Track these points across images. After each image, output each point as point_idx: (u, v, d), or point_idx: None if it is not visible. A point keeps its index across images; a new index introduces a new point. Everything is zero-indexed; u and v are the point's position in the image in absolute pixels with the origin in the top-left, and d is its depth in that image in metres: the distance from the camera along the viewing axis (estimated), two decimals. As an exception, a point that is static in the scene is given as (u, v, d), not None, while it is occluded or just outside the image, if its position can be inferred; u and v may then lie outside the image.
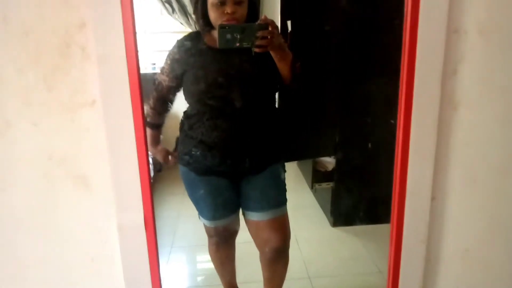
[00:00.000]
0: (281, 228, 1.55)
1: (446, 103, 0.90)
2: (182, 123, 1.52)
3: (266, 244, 1.56)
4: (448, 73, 0.88)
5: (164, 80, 1.48)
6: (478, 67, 0.89)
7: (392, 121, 0.97)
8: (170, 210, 2.75)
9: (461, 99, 0.91)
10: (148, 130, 1.54)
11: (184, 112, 1.51)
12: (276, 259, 1.59)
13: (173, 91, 1.51)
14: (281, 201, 1.56)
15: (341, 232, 2.53)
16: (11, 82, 0.88)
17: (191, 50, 1.42)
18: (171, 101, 1.57)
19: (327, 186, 2.57)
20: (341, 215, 2.57)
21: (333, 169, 2.53)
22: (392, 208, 0.95)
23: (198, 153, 1.47)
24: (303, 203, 2.84)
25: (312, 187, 2.64)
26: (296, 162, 3.21)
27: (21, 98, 0.89)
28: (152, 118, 1.56)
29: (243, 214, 1.58)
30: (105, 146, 0.88)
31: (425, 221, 0.95)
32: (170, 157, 1.61)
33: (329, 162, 2.57)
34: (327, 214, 2.64)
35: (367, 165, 2.48)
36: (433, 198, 0.95)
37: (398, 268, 0.97)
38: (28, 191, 0.92)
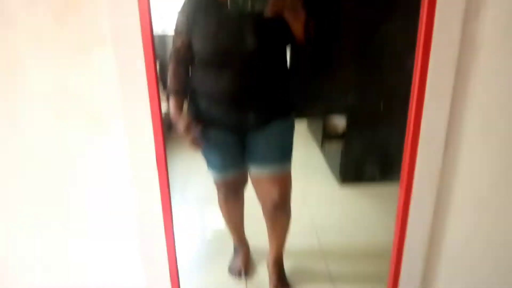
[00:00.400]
0: (282, 184, 1.57)
1: (467, 45, 0.87)
2: (192, 76, 1.51)
3: (267, 199, 1.58)
4: (470, 13, 0.85)
5: (179, 40, 1.45)
6: (503, 10, 0.86)
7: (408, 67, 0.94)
8: (180, 166, 2.78)
9: (483, 42, 0.88)
10: (172, 98, 1.51)
11: (192, 66, 1.50)
12: (277, 214, 1.62)
13: (190, 49, 1.46)
14: (285, 158, 1.56)
15: (349, 190, 2.55)
16: (20, 17, 0.87)
17: (201, 4, 1.40)
18: (191, 61, 1.52)
19: (337, 144, 2.56)
20: (350, 173, 2.58)
21: (343, 131, 2.52)
22: (404, 153, 0.94)
23: (204, 105, 1.47)
24: (312, 162, 2.85)
25: (322, 145, 2.64)
26: (306, 123, 3.19)
27: (31, 34, 0.88)
28: (175, 85, 1.52)
29: (248, 169, 1.60)
30: (117, 84, 0.88)
31: (438, 168, 0.94)
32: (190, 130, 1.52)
33: (339, 122, 2.55)
34: (336, 173, 2.65)
35: (379, 124, 2.45)
36: (446, 144, 0.94)
37: (406, 214, 0.98)
38: (40, 128, 0.93)
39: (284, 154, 1.57)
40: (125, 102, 0.87)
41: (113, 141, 0.93)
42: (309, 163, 2.85)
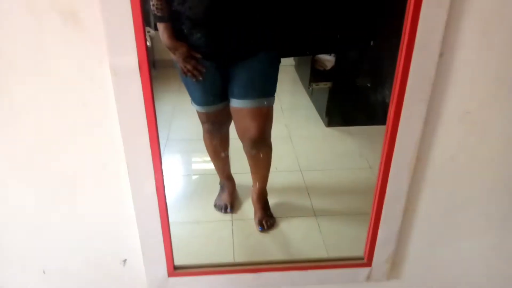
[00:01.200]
0: (262, 119, 1.54)
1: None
2: None
3: (245, 134, 1.56)
4: None
5: None
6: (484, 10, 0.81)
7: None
8: (165, 105, 2.72)
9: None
10: (162, 26, 1.41)
11: None
12: (257, 150, 1.60)
13: None
14: (268, 92, 1.52)
15: (335, 131, 2.55)
16: None
17: None
18: None
19: (324, 86, 2.52)
20: (336, 115, 2.57)
21: (331, 68, 2.47)
22: (398, 61, 0.91)
23: (185, 31, 1.40)
24: (298, 104, 2.82)
25: (309, 86, 2.60)
26: (294, 65, 3.13)
27: None
28: (163, 11, 1.40)
29: (229, 101, 1.56)
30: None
31: (430, 78, 0.92)
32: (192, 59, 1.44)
33: (328, 60, 2.50)
34: (322, 114, 2.63)
35: (368, 64, 2.42)
36: (441, 54, 0.91)
37: (396, 125, 0.96)
38: (13, 27, 0.86)
39: (268, 86, 1.53)
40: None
41: (91, 44, 0.87)
42: (295, 105, 2.82)
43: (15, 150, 0.99)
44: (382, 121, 2.50)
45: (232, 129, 1.70)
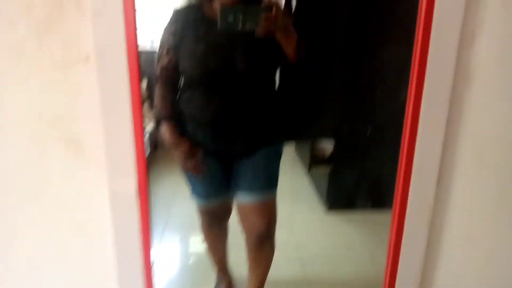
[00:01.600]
0: (268, 213, 1.51)
1: (460, 75, 0.86)
2: (178, 98, 1.45)
3: (252, 228, 1.52)
4: (465, 42, 0.83)
5: (165, 60, 1.39)
6: (497, 39, 0.84)
7: (400, 98, 0.92)
8: (165, 189, 2.71)
9: (476, 72, 0.86)
10: (165, 125, 1.42)
11: (179, 87, 1.44)
12: (261, 245, 1.55)
13: (177, 68, 1.39)
14: (271, 185, 1.51)
15: (336, 217, 2.51)
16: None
17: (188, 20, 1.35)
18: (177, 82, 1.45)
19: (324, 169, 2.53)
20: (337, 199, 2.55)
21: (331, 154, 2.50)
22: (396, 186, 0.91)
23: (190, 129, 1.42)
24: (299, 187, 2.81)
25: (309, 170, 2.61)
26: (293, 145, 3.17)
27: (10, 51, 0.83)
28: (166, 110, 1.43)
29: (234, 195, 1.54)
30: (98, 107, 0.83)
31: (430, 203, 0.91)
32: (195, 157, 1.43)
33: (327, 146, 2.53)
34: (323, 198, 2.61)
35: (367, 148, 2.44)
36: (439, 178, 0.91)
37: (398, 252, 0.94)
38: (17, 153, 0.87)
39: (271, 181, 1.52)
40: (106, 127, 0.83)
41: (92, 169, 0.88)
42: (295, 187, 2.81)
43: (7, 276, 0.96)
44: (384, 205, 2.45)
45: (231, 221, 1.67)
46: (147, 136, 2.91)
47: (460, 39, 0.82)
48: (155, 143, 2.86)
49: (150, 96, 3.38)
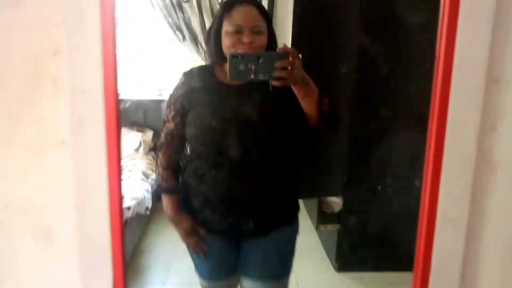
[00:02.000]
0: None
1: (483, 164, 0.75)
2: (183, 168, 1.34)
3: None
4: (485, 129, 0.74)
5: (171, 128, 1.29)
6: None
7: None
8: (166, 245, 2.60)
9: (500, 160, 0.76)
10: (166, 198, 1.32)
11: (185, 156, 1.34)
12: None
13: (183, 135, 1.29)
14: (284, 274, 1.36)
15: (346, 278, 2.35)
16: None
17: (198, 85, 1.25)
18: (183, 152, 1.36)
19: (332, 228, 2.40)
20: (347, 260, 2.39)
21: (339, 211, 2.37)
22: (413, 286, 0.79)
23: (195, 204, 1.29)
24: (307, 245, 2.66)
25: (317, 229, 2.47)
26: (301, 200, 3.05)
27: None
28: (169, 182, 1.33)
29: (239, 279, 1.39)
30: (72, 195, 0.74)
31: (453, 304, 0.79)
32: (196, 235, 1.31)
33: (335, 203, 2.41)
34: (332, 258, 2.46)
35: (376, 207, 2.31)
36: (462, 277, 0.79)
37: None
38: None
39: (284, 268, 1.37)
40: (80, 219, 0.73)
41: (63, 264, 0.78)
42: (303, 245, 2.65)
43: None
44: (394, 268, 2.28)
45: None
46: (151, 188, 2.82)
47: (480, 125, 0.72)
48: (158, 195, 2.76)
49: (154, 148, 3.34)
